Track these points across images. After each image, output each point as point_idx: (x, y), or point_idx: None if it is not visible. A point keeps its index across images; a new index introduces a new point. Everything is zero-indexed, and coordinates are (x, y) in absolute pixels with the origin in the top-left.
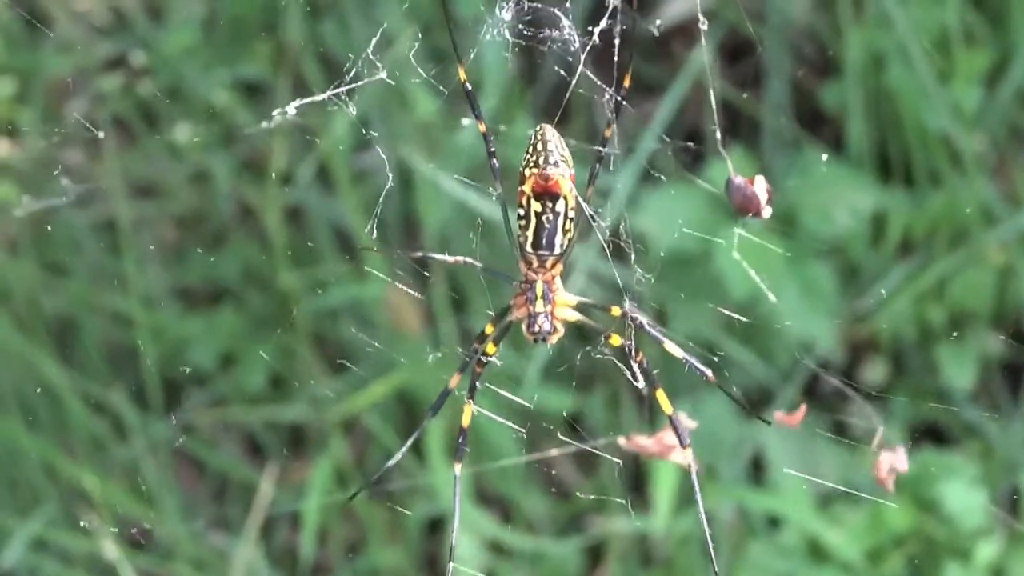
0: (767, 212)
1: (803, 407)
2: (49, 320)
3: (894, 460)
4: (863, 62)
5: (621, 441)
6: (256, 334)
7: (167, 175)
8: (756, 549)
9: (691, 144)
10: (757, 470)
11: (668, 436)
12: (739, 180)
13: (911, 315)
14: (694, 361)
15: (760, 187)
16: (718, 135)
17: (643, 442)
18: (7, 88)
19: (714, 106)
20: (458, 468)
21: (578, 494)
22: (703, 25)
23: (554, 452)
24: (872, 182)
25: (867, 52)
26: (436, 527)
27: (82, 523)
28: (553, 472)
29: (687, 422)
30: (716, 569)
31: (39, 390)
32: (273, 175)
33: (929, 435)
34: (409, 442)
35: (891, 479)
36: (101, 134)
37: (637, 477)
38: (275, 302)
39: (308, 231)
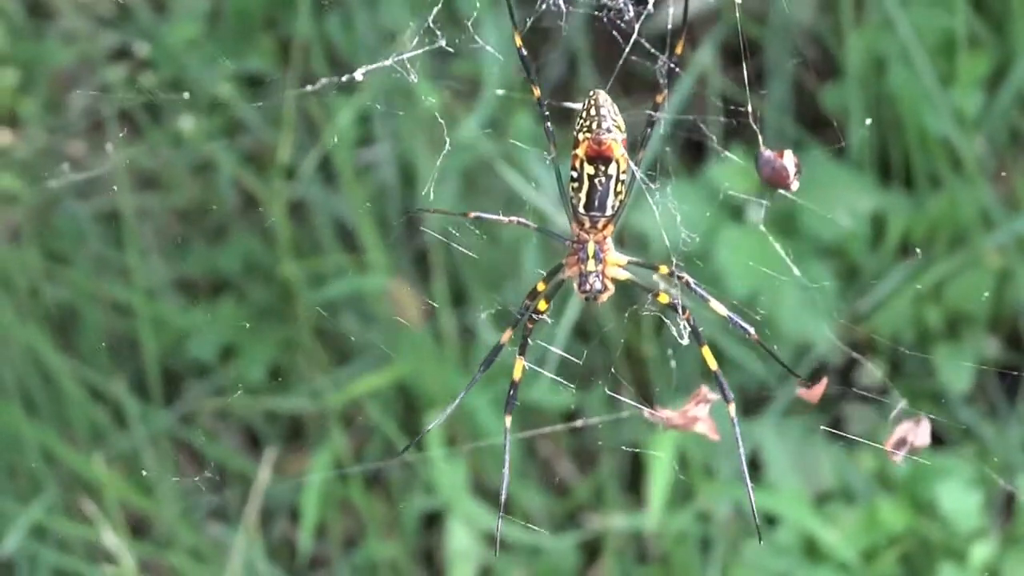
0: (795, 185)
1: (824, 380)
2: (51, 309)
3: (913, 432)
4: (865, 65)
5: (647, 413)
6: (257, 326)
7: (170, 167)
8: (752, 548)
9: (733, 117)
10: (755, 469)
11: (693, 408)
12: (768, 153)
13: (909, 317)
14: (738, 319)
15: (789, 160)
16: (750, 109)
17: (669, 415)
18: (10, 78)
19: (748, 87)
20: (508, 421)
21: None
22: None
23: (596, 420)
24: (873, 184)
25: (869, 55)
26: (433, 521)
27: (82, 511)
28: (555, 472)
29: (709, 395)
30: (757, 520)
31: (40, 378)
32: (279, 165)
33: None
34: (461, 396)
35: (902, 451)
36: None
37: (635, 474)
38: (276, 294)
39: (310, 224)
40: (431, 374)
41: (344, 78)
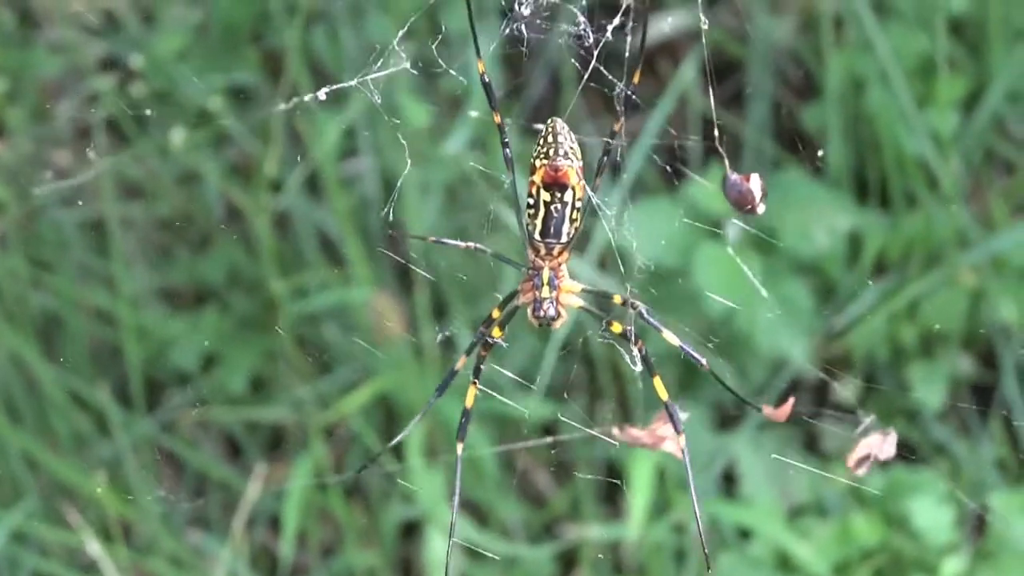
0: (761, 208)
1: (791, 400)
2: (35, 316)
3: (879, 446)
4: (843, 85)
5: (615, 431)
6: (240, 336)
7: (155, 177)
8: (726, 560)
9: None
10: (728, 482)
11: (660, 428)
12: (735, 177)
13: (884, 334)
14: (690, 350)
15: (755, 184)
16: (716, 133)
17: (636, 433)
18: None
19: (715, 113)
20: (460, 448)
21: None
22: (704, 25)
23: (564, 437)
24: (850, 203)
25: (848, 75)
26: (412, 531)
27: (63, 517)
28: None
29: (679, 413)
30: (706, 549)
31: (24, 385)
32: (265, 179)
33: (899, 452)
34: (417, 419)
35: (865, 465)
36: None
37: (610, 486)
38: (259, 305)
39: (294, 236)
40: (412, 386)
41: (307, 97)
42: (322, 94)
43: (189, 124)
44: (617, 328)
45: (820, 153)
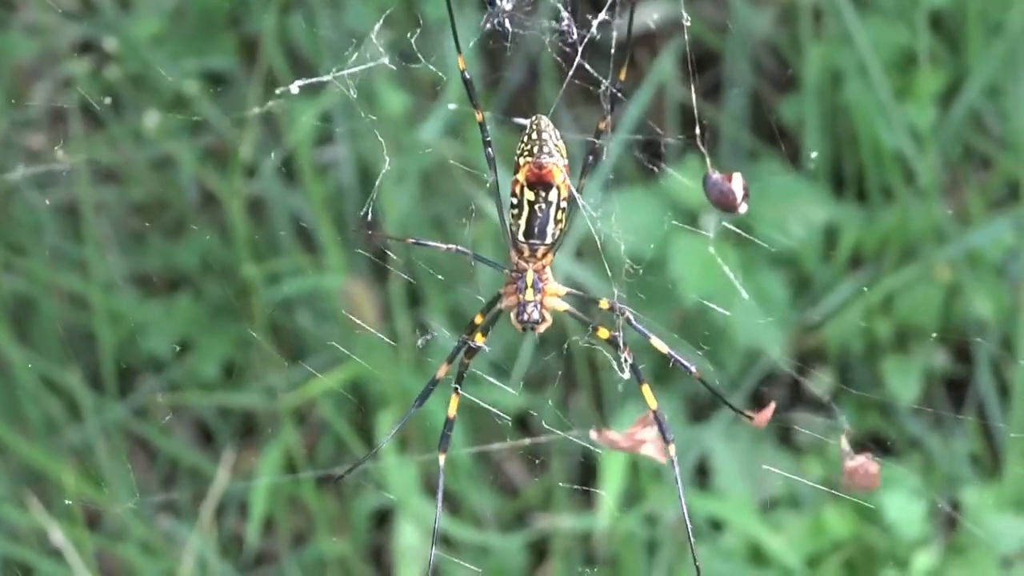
0: (743, 208)
1: (771, 405)
2: (7, 300)
3: (864, 466)
4: (822, 77)
5: (592, 434)
6: (213, 322)
7: (130, 161)
8: (699, 552)
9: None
10: (702, 474)
11: (639, 432)
12: (716, 176)
13: (859, 328)
14: (679, 357)
15: (737, 183)
16: (698, 132)
17: (614, 436)
18: None
19: (698, 114)
20: (442, 459)
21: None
22: (686, 22)
23: (542, 439)
24: (826, 196)
25: (826, 68)
26: (383, 519)
27: (32, 502)
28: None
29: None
30: (697, 561)
31: None
32: (240, 164)
33: (872, 446)
34: (397, 428)
35: (874, 479)
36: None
37: (583, 477)
38: (233, 291)
39: (268, 222)
40: (385, 374)
41: (279, 91)
42: (295, 87)
43: (164, 109)
44: (604, 334)
45: (813, 155)
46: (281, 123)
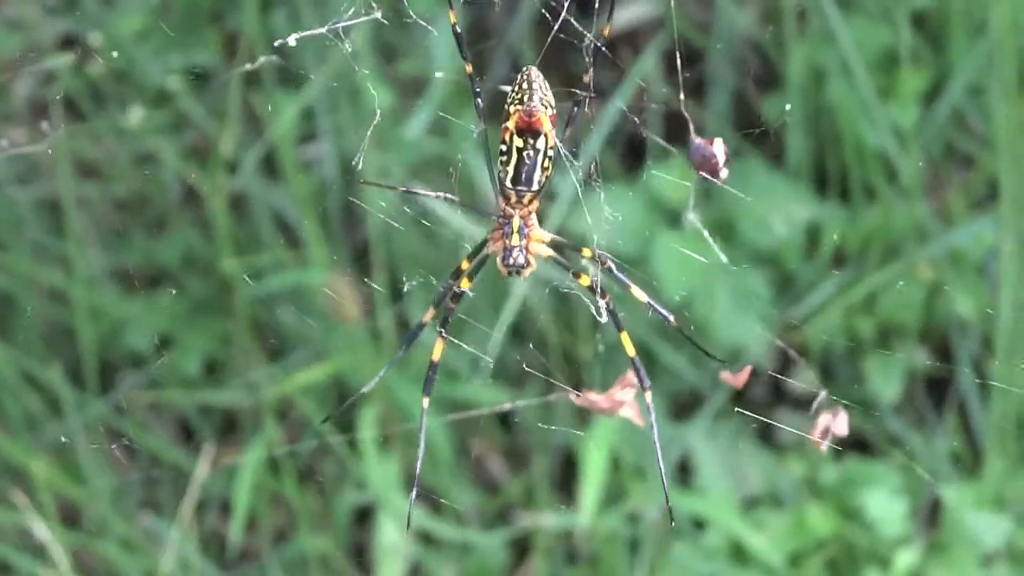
0: (724, 173)
1: (748, 368)
2: None
3: (833, 422)
4: (805, 76)
5: (574, 397)
6: (194, 319)
7: (112, 157)
8: (680, 550)
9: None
10: (684, 472)
11: (619, 392)
12: (699, 141)
13: (841, 326)
14: (658, 306)
15: (719, 148)
16: (681, 95)
17: (594, 397)
18: None
19: (681, 70)
20: (426, 401)
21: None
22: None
23: (522, 403)
24: (809, 194)
25: (809, 67)
26: (365, 516)
27: (12, 498)
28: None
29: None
30: (666, 490)
31: None
32: (221, 158)
33: (854, 444)
34: (384, 370)
35: (826, 439)
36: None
37: (566, 473)
38: (214, 287)
39: (251, 219)
40: (368, 369)
41: (277, 43)
42: (292, 40)
43: (147, 104)
44: (585, 281)
45: (788, 107)
46: (264, 118)
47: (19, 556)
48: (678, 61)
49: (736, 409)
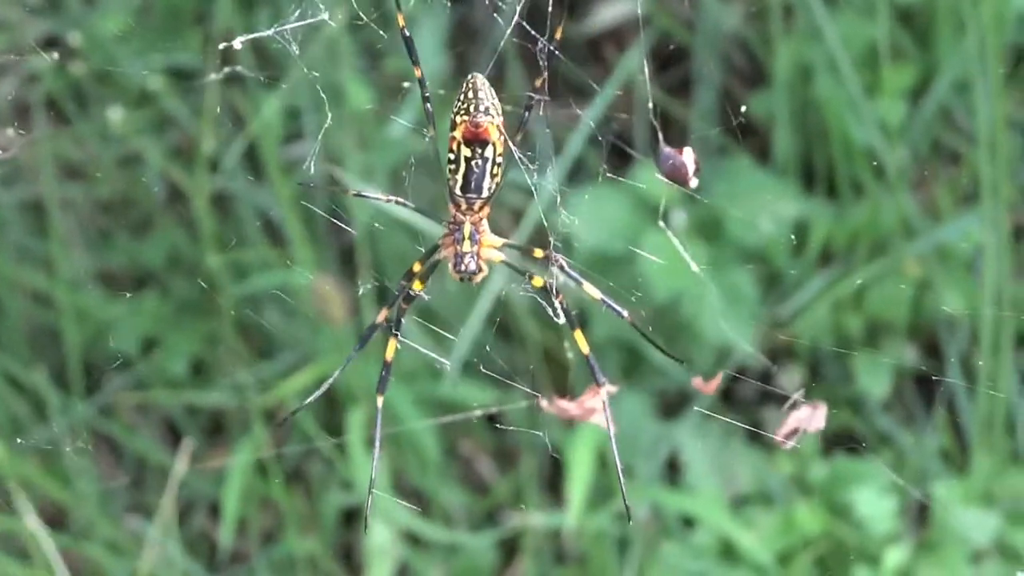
0: (694, 182)
1: (719, 375)
2: None
3: (808, 418)
4: (791, 73)
5: (543, 403)
6: (180, 320)
7: (95, 158)
8: (669, 549)
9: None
10: (672, 471)
11: (589, 400)
12: (668, 150)
13: (829, 323)
14: (611, 302)
15: (688, 157)
16: (651, 104)
17: (565, 405)
18: None
19: (647, 75)
20: (380, 401)
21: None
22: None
23: (494, 409)
24: (796, 191)
25: (796, 63)
26: (352, 518)
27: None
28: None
29: (609, 387)
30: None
31: None
32: (203, 157)
33: (843, 442)
34: (336, 375)
35: (794, 436)
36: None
37: (553, 473)
38: (200, 289)
39: (236, 220)
40: (354, 370)
41: (221, 46)
42: (237, 43)
43: (130, 105)
44: (539, 282)
45: (743, 108)
46: (247, 117)
47: (6, 560)
48: (645, 68)
49: (705, 412)
